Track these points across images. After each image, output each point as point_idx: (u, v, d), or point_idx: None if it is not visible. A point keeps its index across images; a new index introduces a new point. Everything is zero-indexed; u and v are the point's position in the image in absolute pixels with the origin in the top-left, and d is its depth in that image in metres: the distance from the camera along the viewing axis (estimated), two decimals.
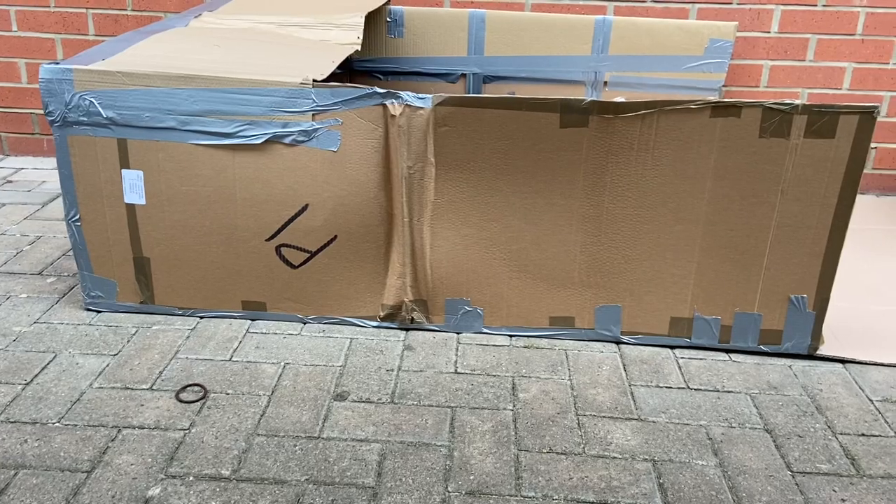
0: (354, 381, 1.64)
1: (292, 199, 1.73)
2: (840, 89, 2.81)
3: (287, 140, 1.68)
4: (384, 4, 2.67)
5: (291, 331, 1.83)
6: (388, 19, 2.74)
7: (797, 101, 1.52)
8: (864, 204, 2.80)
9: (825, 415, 1.56)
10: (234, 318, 1.87)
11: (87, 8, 2.87)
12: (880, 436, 1.50)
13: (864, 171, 2.90)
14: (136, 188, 1.75)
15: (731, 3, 2.72)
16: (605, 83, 2.78)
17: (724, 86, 2.80)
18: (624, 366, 1.73)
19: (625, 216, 1.69)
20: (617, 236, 1.71)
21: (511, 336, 1.84)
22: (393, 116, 1.64)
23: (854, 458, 1.43)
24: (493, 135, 1.63)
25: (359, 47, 2.10)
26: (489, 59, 2.78)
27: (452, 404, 1.57)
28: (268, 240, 1.78)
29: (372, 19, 2.68)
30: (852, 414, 1.57)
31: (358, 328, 1.85)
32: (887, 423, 1.54)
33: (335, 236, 1.77)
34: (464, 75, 2.81)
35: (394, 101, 1.63)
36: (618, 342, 1.82)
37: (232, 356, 1.72)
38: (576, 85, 2.80)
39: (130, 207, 1.77)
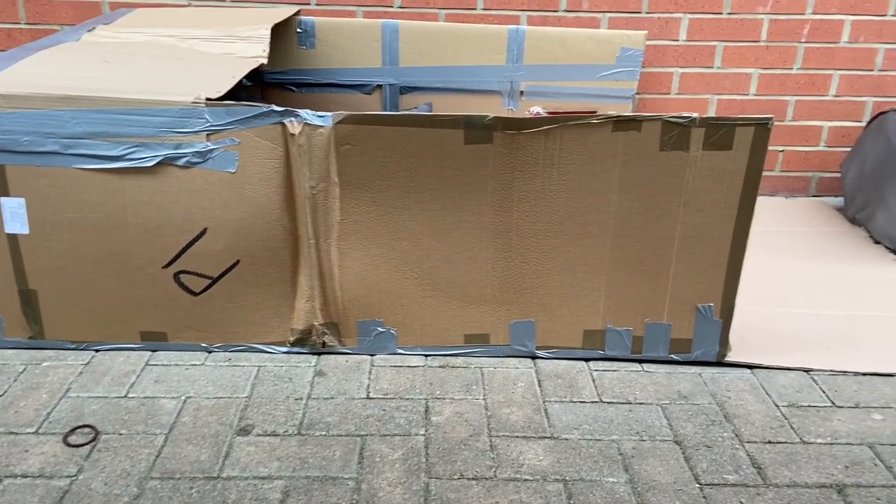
0: (260, 412, 1.57)
1: (189, 224, 1.65)
2: (747, 95, 2.88)
3: (181, 162, 1.60)
4: (293, 15, 2.60)
5: (195, 361, 1.75)
6: (299, 30, 2.67)
7: (695, 115, 1.54)
8: (773, 206, 2.88)
9: (733, 423, 1.58)
10: (133, 350, 1.77)
11: None
12: (786, 442, 1.52)
13: (774, 173, 2.99)
14: (18, 217, 1.63)
15: (640, 13, 2.76)
16: (522, 93, 2.78)
17: (637, 93, 2.84)
18: (539, 381, 1.72)
19: (534, 231, 1.67)
20: (528, 252, 1.69)
21: (426, 356, 1.80)
22: (292, 135, 1.58)
23: (760, 467, 1.45)
24: (398, 152, 1.59)
25: (265, 60, 2.03)
26: (404, 69, 2.74)
27: (363, 432, 1.52)
28: (165, 267, 1.69)
29: (281, 31, 2.61)
30: (759, 421, 1.59)
31: (266, 355, 1.78)
32: (793, 428, 1.57)
33: (238, 261, 1.69)
34: (380, 86, 2.76)
35: (293, 119, 1.58)
36: (533, 357, 1.81)
37: (128, 392, 1.62)
38: (493, 95, 2.79)
39: (12, 237, 1.65)
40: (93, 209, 1.62)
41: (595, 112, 2.76)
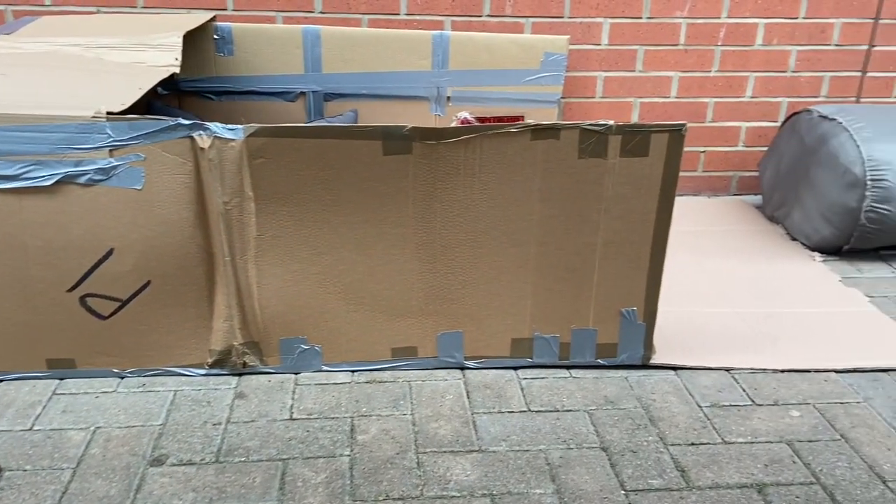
0: (175, 440, 1.49)
1: (94, 244, 1.56)
2: (669, 97, 2.94)
3: (82, 180, 1.51)
4: (209, 21, 2.52)
5: (105, 388, 1.66)
6: (216, 37, 2.58)
7: (611, 122, 1.54)
8: (695, 206, 2.95)
9: (658, 426, 1.60)
10: (39, 378, 1.67)
11: None
12: (708, 443, 1.54)
13: (696, 173, 3.06)
14: None
15: (562, 17, 2.78)
16: (449, 98, 2.77)
17: (562, 97, 2.86)
18: (467, 393, 1.70)
19: (458, 242, 1.65)
20: (453, 262, 1.67)
21: (353, 371, 1.76)
22: (202, 149, 1.51)
23: (684, 470, 1.46)
24: (315, 165, 1.55)
25: (177, 69, 1.95)
26: (328, 76, 2.68)
27: (284, 456, 1.46)
28: (70, 290, 1.60)
29: (198, 38, 2.52)
30: (683, 423, 1.61)
31: (184, 378, 1.71)
32: (715, 429, 1.59)
33: (149, 281, 1.62)
34: (303, 93, 2.70)
35: (202, 133, 1.51)
36: (462, 368, 1.79)
37: (33, 424, 1.53)
38: (420, 101, 2.76)
39: None
40: None
41: (521, 117, 2.78)
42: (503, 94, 2.78)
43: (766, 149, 3.00)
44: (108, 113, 1.48)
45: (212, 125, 1.51)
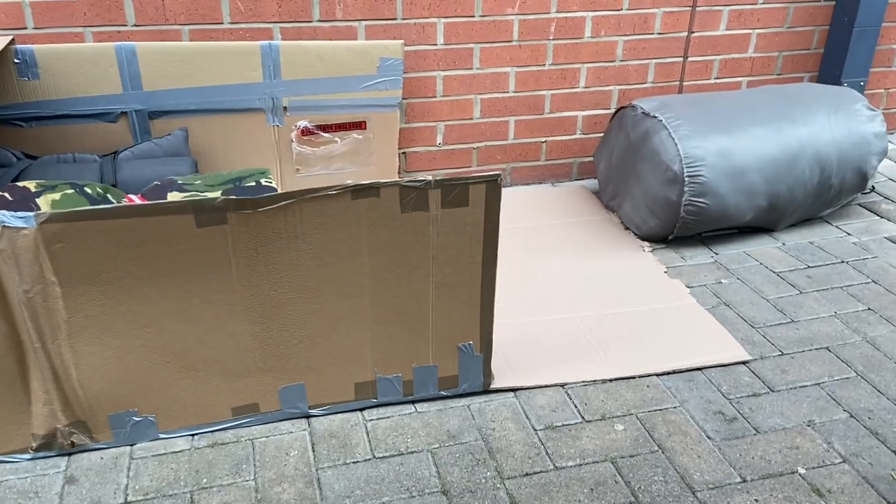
0: None
1: None
2: (507, 92, 2.99)
3: None
4: (8, 45, 2.27)
5: None
6: (17, 60, 2.35)
7: (430, 178, 1.56)
8: (540, 194, 3.06)
9: (496, 458, 1.68)
10: None
11: None
12: (541, 472, 1.65)
13: (540, 163, 3.16)
14: None
15: (395, 19, 2.73)
16: (286, 108, 2.68)
17: (403, 99, 2.84)
18: (312, 445, 1.71)
19: (289, 301, 1.63)
20: (286, 320, 1.65)
21: (193, 436, 1.72)
22: None
23: None
24: (123, 243, 1.46)
25: None
26: (151, 93, 2.52)
27: None
28: None
29: None
30: (519, 452, 1.70)
31: (8, 465, 1.61)
32: (548, 455, 1.70)
33: None
34: (124, 113, 2.52)
35: None
36: (307, 416, 1.79)
37: None
38: (255, 112, 2.66)
39: None
40: None
41: (363, 123, 2.74)
42: (342, 101, 2.72)
43: (601, 135, 3.14)
44: None
45: None
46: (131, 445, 1.68)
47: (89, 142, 2.53)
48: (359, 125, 2.81)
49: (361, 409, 1.82)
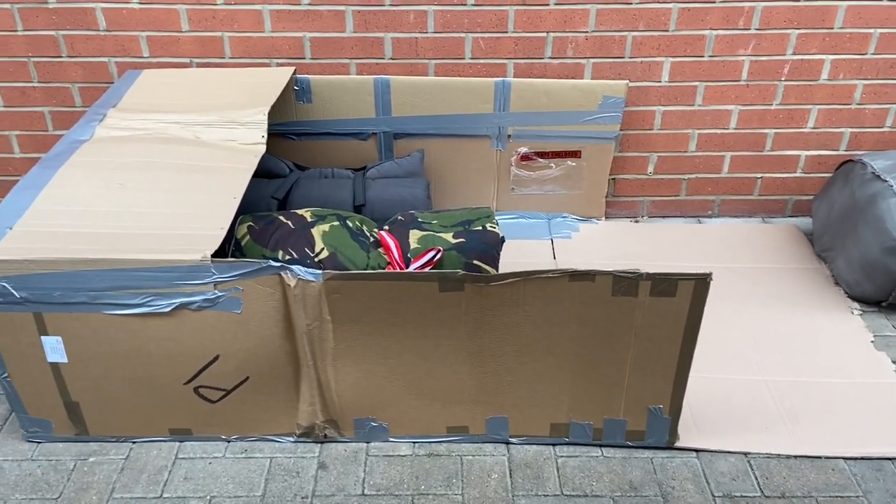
0: None
1: (203, 352, 1.90)
2: (727, 129, 3.00)
3: (193, 306, 1.83)
4: (292, 75, 2.73)
5: (216, 453, 2.05)
6: (296, 88, 2.80)
7: (643, 271, 1.73)
8: (748, 232, 3.03)
9: None
10: (164, 442, 2.08)
11: None
12: None
13: (752, 197, 3.13)
14: (57, 350, 1.89)
15: (623, 58, 2.84)
16: (510, 136, 2.92)
17: (620, 131, 2.96)
18: (510, 471, 2.00)
19: (504, 352, 1.91)
20: (499, 367, 1.94)
21: (414, 443, 2.09)
22: (289, 286, 1.80)
23: None
24: (381, 298, 1.81)
25: (263, 147, 2.21)
26: (397, 119, 2.88)
27: None
28: (186, 383, 1.96)
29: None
30: None
31: (277, 445, 2.08)
32: None
33: (247, 377, 1.96)
34: (374, 134, 2.91)
35: (288, 273, 1.79)
36: (507, 443, 2.09)
37: (162, 492, 1.94)
38: (482, 139, 2.94)
39: (54, 365, 1.92)
40: (121, 344, 1.88)
41: (579, 152, 2.90)
42: (561, 133, 2.91)
43: (823, 176, 3.05)
44: (212, 257, 1.77)
45: (296, 268, 1.78)
46: (367, 443, 2.08)
47: (344, 155, 2.96)
48: (574, 154, 2.99)
49: (554, 445, 2.08)
